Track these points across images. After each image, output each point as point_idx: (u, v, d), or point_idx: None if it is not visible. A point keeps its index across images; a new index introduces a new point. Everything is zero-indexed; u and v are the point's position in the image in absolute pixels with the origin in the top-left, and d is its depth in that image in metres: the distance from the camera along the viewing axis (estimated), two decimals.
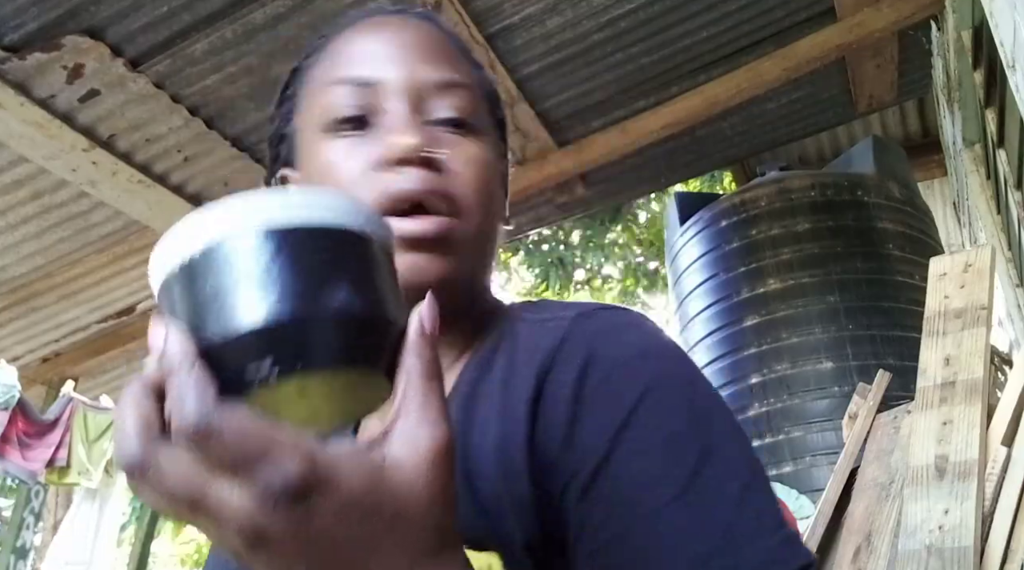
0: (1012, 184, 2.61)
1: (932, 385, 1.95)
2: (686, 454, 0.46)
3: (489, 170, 0.60)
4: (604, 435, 0.47)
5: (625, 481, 0.46)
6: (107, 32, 2.87)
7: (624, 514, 0.45)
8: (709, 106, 3.53)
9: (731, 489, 0.45)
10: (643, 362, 0.50)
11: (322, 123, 0.59)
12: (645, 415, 0.47)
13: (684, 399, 0.49)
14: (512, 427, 0.50)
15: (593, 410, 0.48)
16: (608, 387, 0.49)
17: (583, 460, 0.47)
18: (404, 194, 0.54)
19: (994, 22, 1.79)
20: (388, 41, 0.61)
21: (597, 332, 0.52)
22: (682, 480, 0.45)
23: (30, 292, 4.20)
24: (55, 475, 4.39)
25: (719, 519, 0.44)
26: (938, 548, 1.69)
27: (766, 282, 3.57)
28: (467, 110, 0.60)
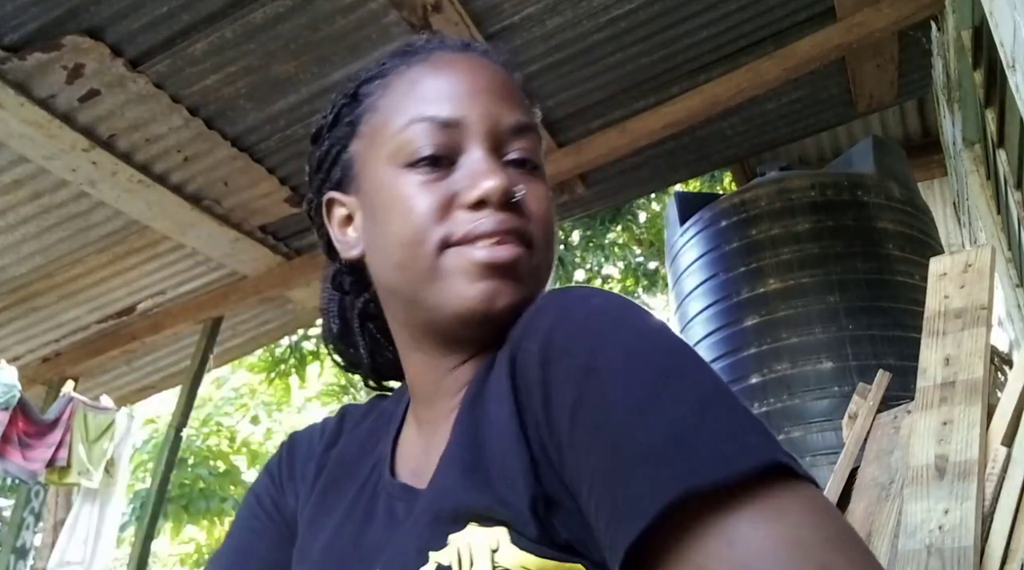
0: (1012, 184, 2.61)
1: (932, 385, 1.95)
2: (648, 378, 0.46)
3: (552, 207, 0.63)
4: (572, 383, 0.48)
5: (597, 415, 0.46)
6: (107, 32, 2.87)
7: (603, 445, 0.45)
8: (709, 106, 3.54)
9: (695, 401, 0.44)
10: (602, 315, 0.52)
11: (399, 158, 0.61)
12: (606, 356, 0.48)
13: (643, 337, 0.50)
14: (503, 405, 0.53)
15: (559, 366, 0.50)
16: (571, 342, 0.51)
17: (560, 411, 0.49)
18: (492, 233, 0.58)
19: (994, 22, 1.79)
20: (467, 81, 0.63)
21: (561, 302, 0.55)
22: (646, 399, 0.45)
23: (30, 292, 4.20)
24: (55, 475, 4.39)
25: (681, 422, 0.43)
26: (938, 548, 1.69)
27: (766, 282, 3.57)
28: (536, 152, 0.63)
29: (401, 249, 0.59)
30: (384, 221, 0.61)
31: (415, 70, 0.64)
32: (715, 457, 0.41)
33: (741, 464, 0.40)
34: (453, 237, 0.58)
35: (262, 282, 4.39)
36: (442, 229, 0.58)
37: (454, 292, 0.58)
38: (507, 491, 0.50)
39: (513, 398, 0.53)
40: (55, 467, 4.33)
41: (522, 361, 0.53)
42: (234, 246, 4.09)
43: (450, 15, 2.95)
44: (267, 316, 5.12)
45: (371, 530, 0.61)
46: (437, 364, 0.63)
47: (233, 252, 4.15)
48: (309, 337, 8.53)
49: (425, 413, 0.65)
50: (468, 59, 0.65)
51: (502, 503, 0.50)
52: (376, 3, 2.92)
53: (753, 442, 0.42)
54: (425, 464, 0.61)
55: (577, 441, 0.47)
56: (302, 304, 4.79)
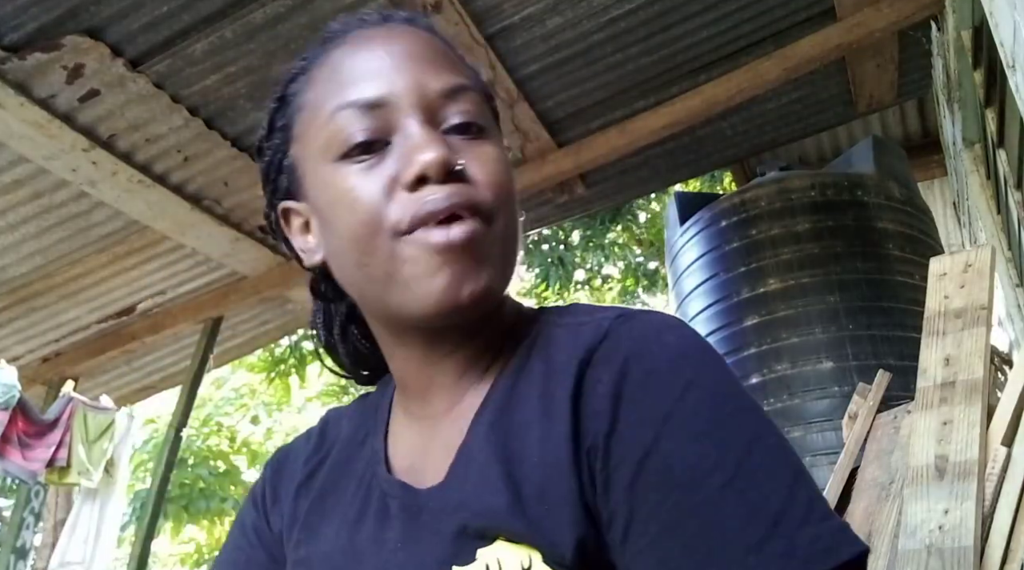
0: (1012, 184, 2.61)
1: (932, 385, 1.95)
2: (733, 442, 0.46)
3: (505, 169, 0.59)
4: (649, 426, 0.47)
5: (674, 470, 0.46)
6: (107, 32, 2.87)
7: (675, 503, 0.45)
8: (709, 106, 3.53)
9: (780, 477, 0.45)
10: (683, 361, 0.50)
11: (331, 152, 0.57)
12: (688, 407, 0.47)
13: (725, 395, 0.49)
14: (555, 425, 0.51)
15: (635, 404, 0.49)
16: (649, 382, 0.49)
17: (628, 451, 0.47)
18: (438, 211, 0.54)
19: (994, 22, 1.79)
20: (386, 55, 0.58)
21: (636, 332, 0.53)
22: (731, 467, 0.45)
23: (30, 292, 4.20)
24: (55, 475, 4.39)
25: (772, 505, 0.44)
26: (938, 548, 1.69)
27: (766, 282, 3.57)
28: (476, 113, 0.59)
29: (355, 246, 0.56)
30: (333, 220, 0.58)
31: (333, 56, 0.60)
32: (813, 547, 0.42)
33: (836, 557, 0.42)
34: (402, 224, 0.54)
35: (262, 282, 4.39)
36: (389, 216, 0.54)
37: (417, 291, 0.54)
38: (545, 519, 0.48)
39: (571, 422, 0.50)
40: (55, 467, 4.33)
41: (590, 388, 0.51)
42: (234, 246, 4.09)
43: (450, 15, 2.95)
44: (267, 316, 5.12)
45: (364, 529, 0.59)
46: (424, 357, 0.60)
47: (233, 252, 4.15)
48: (309, 337, 8.52)
49: (419, 408, 0.63)
50: (386, 31, 0.61)
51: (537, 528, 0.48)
52: (376, 3, 2.92)
53: (840, 531, 0.44)
54: (425, 462, 0.59)
55: (639, 488, 0.46)
56: (302, 304, 4.79)
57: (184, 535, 9.84)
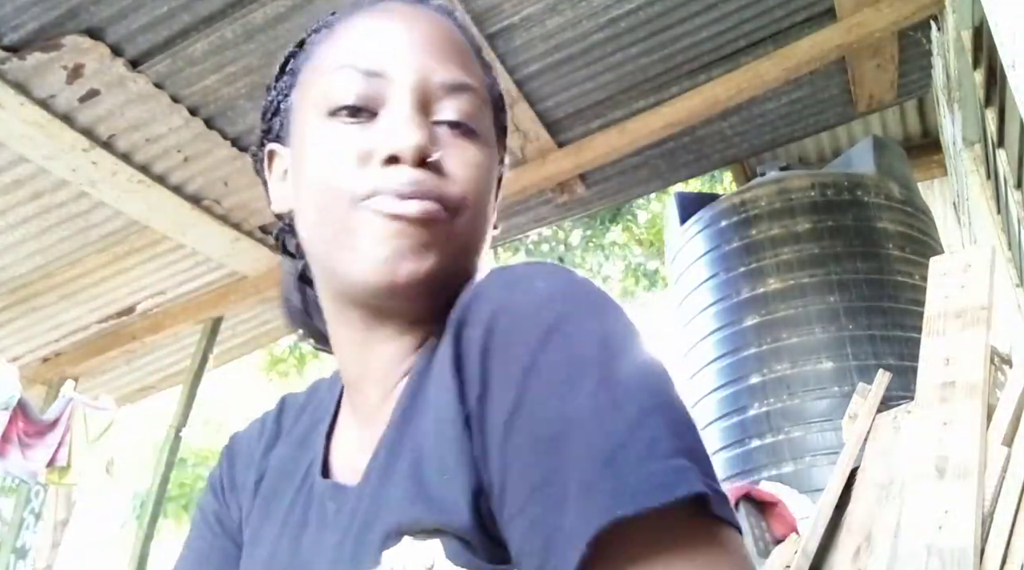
0: (1012, 184, 2.61)
1: (932, 385, 1.95)
2: (588, 390, 0.44)
3: (484, 175, 0.59)
4: (513, 382, 0.46)
5: (535, 426, 0.44)
6: (107, 32, 2.87)
7: (537, 460, 0.44)
8: (709, 106, 3.54)
9: (626, 416, 0.43)
10: (548, 304, 0.48)
11: (322, 105, 0.58)
12: (548, 355, 0.46)
13: (590, 334, 0.47)
14: (445, 395, 0.50)
15: (500, 360, 0.47)
16: (514, 334, 0.48)
17: (496, 412, 0.46)
18: (400, 190, 0.54)
19: (994, 22, 1.79)
20: (402, 31, 0.59)
21: (504, 283, 0.51)
22: (583, 415, 0.43)
23: (30, 292, 4.20)
24: (55, 475, 4.39)
25: (609, 444, 0.42)
26: (938, 548, 1.69)
27: (766, 282, 3.57)
28: (471, 114, 0.59)
29: (315, 203, 0.56)
30: (303, 171, 0.58)
31: (357, 18, 0.61)
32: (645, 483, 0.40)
33: (669, 494, 0.40)
34: (365, 195, 0.54)
35: (262, 282, 4.39)
36: (356, 185, 0.54)
37: (361, 256, 0.54)
38: (445, 491, 0.48)
39: (457, 390, 0.49)
40: (55, 467, 4.33)
41: (465, 348, 0.50)
42: (234, 246, 4.09)
43: None
44: (267, 316, 5.12)
45: (306, 537, 0.58)
46: (362, 340, 0.59)
47: (233, 252, 4.15)
48: None
49: (356, 398, 0.62)
50: (413, 10, 0.61)
51: (438, 506, 0.48)
52: None
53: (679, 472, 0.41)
54: (359, 459, 0.58)
55: (510, 449, 0.45)
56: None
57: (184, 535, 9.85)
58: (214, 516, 0.69)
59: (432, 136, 0.56)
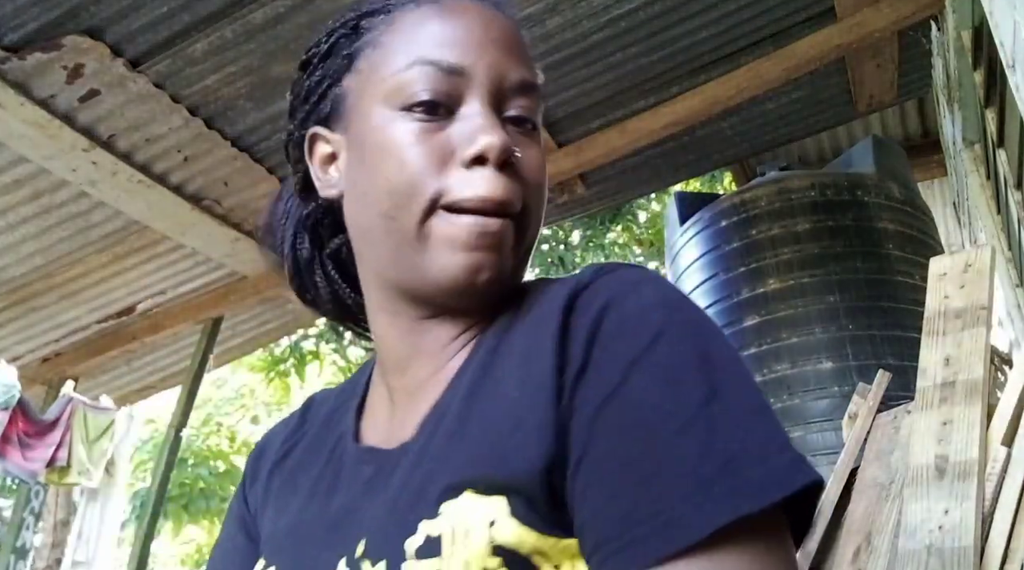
0: (1012, 184, 2.61)
1: (932, 385, 1.95)
2: (694, 390, 0.46)
3: (545, 173, 0.61)
4: (616, 369, 0.48)
5: (633, 412, 0.46)
6: (107, 32, 2.87)
7: (631, 442, 0.46)
8: (709, 106, 3.54)
9: (738, 420, 0.46)
10: (658, 310, 0.51)
11: (395, 100, 0.57)
12: (656, 354, 0.48)
13: (696, 343, 0.49)
14: (537, 364, 0.51)
15: (606, 349, 0.49)
16: (622, 329, 0.50)
17: (593, 392, 0.48)
18: (487, 197, 0.55)
19: (994, 22, 1.79)
20: (476, 29, 0.59)
21: (615, 282, 0.53)
22: (689, 413, 0.45)
23: (30, 292, 4.20)
24: (55, 475, 4.39)
25: (725, 447, 0.44)
26: (938, 548, 1.69)
27: (766, 282, 3.57)
28: (536, 111, 0.60)
29: (390, 198, 0.56)
30: (374, 165, 0.58)
31: (423, 10, 0.60)
32: (764, 481, 0.43)
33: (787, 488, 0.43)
34: (446, 196, 0.55)
35: (262, 282, 4.39)
36: (436, 184, 0.55)
37: (438, 261, 0.55)
38: (519, 452, 0.49)
39: (555, 363, 0.50)
40: (55, 467, 4.34)
41: (573, 332, 0.51)
42: (234, 246, 4.09)
43: None
44: (267, 316, 5.12)
45: (337, 498, 0.59)
46: (412, 324, 0.60)
47: (233, 252, 4.15)
48: (309, 337, 8.53)
49: (398, 380, 0.62)
50: (479, 8, 0.61)
51: (510, 466, 0.48)
52: None
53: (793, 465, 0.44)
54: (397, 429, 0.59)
55: (598, 427, 0.47)
56: (302, 304, 4.79)
57: (184, 535, 9.84)
58: (237, 514, 0.71)
59: (510, 136, 0.57)
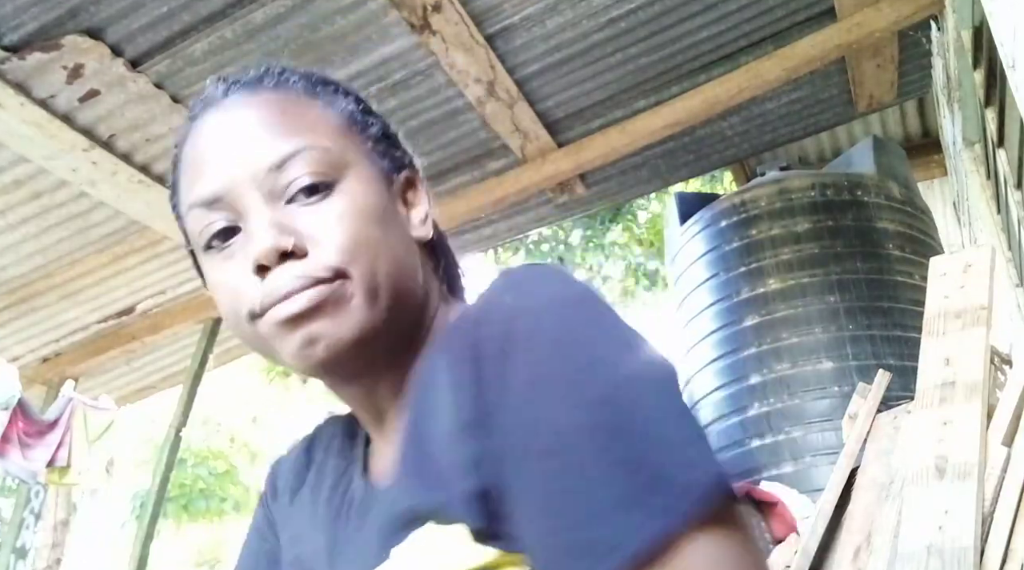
0: (1012, 184, 2.61)
1: (932, 385, 1.95)
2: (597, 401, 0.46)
3: (357, 217, 0.58)
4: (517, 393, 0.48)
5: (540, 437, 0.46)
6: (107, 32, 2.87)
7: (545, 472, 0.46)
8: (709, 106, 3.53)
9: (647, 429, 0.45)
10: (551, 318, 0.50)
11: (199, 245, 0.61)
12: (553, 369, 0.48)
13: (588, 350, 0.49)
14: (458, 394, 0.52)
15: (505, 373, 0.49)
16: (517, 347, 0.50)
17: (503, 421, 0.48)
18: (279, 296, 0.56)
19: (994, 22, 1.79)
20: (216, 143, 0.61)
21: (513, 289, 0.54)
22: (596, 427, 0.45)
23: (30, 292, 4.20)
24: (55, 475, 4.39)
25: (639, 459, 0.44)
26: (938, 548, 1.69)
27: (766, 282, 3.57)
28: (319, 168, 0.59)
29: (231, 326, 0.61)
30: (217, 303, 0.62)
31: (187, 143, 0.64)
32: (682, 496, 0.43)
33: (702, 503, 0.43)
34: (255, 308, 0.57)
35: None
36: (247, 302, 0.58)
37: (284, 358, 0.58)
38: (457, 485, 0.50)
39: (473, 390, 0.50)
40: (55, 467, 4.33)
41: (485, 349, 0.51)
42: None
43: (450, 15, 2.95)
44: None
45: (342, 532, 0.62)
46: (353, 392, 0.64)
47: None
48: None
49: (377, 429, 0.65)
50: (221, 111, 0.63)
51: (450, 495, 0.50)
52: (376, 3, 2.91)
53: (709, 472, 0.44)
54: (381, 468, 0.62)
55: (512, 462, 0.47)
56: None
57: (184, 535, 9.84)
58: (264, 521, 0.73)
59: (290, 223, 0.57)
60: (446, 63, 3.17)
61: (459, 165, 3.85)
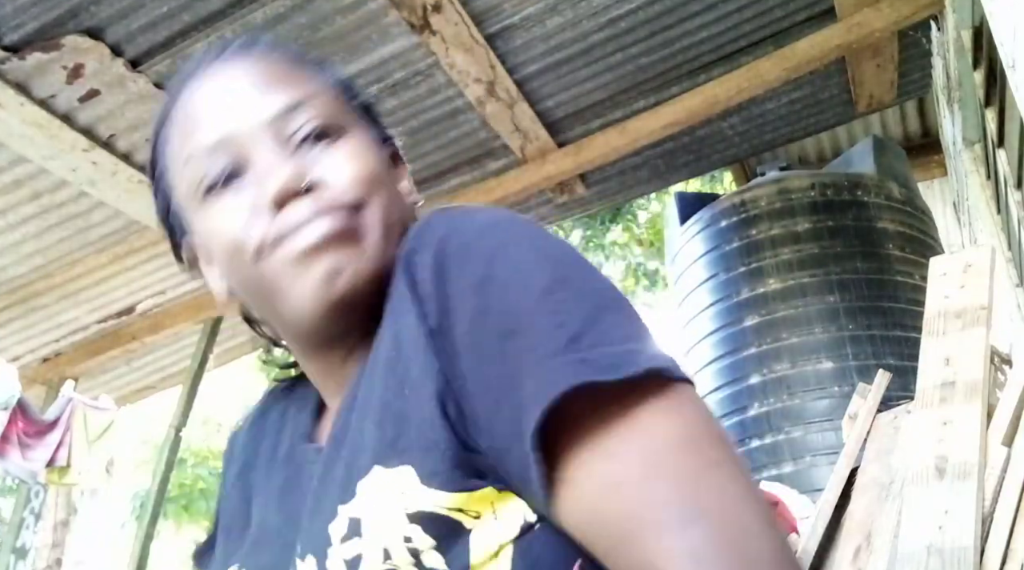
0: (1012, 184, 2.61)
1: (932, 385, 1.95)
2: (544, 286, 0.48)
3: (365, 159, 0.60)
4: (469, 293, 0.49)
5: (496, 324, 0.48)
6: (107, 32, 2.87)
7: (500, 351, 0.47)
8: (709, 106, 3.53)
9: (588, 308, 0.48)
10: (493, 229, 0.53)
11: (197, 195, 0.60)
12: (501, 268, 0.50)
13: (543, 251, 0.51)
14: (402, 318, 0.52)
15: (453, 276, 0.51)
16: (463, 253, 0.51)
17: (457, 322, 0.49)
18: (302, 221, 0.56)
19: (994, 22, 1.79)
20: (221, 93, 0.61)
21: (449, 216, 0.55)
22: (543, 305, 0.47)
23: (30, 292, 4.20)
24: (55, 475, 4.39)
25: (575, 326, 0.46)
26: (938, 548, 1.69)
27: (766, 282, 3.57)
28: (323, 117, 0.60)
29: (231, 271, 0.60)
30: (213, 252, 0.61)
31: (180, 101, 0.63)
32: (607, 363, 0.44)
33: (627, 371, 0.44)
34: (266, 242, 0.56)
35: None
36: (254, 238, 0.57)
37: (293, 298, 0.56)
38: (411, 405, 0.49)
39: (417, 311, 0.51)
40: (55, 467, 4.33)
41: (419, 274, 0.52)
42: None
43: (450, 15, 2.95)
44: None
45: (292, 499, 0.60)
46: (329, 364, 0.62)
47: None
48: None
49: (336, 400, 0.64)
50: (219, 67, 0.63)
51: (403, 425, 0.49)
52: (376, 3, 2.92)
53: (638, 351, 0.46)
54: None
55: (474, 349, 0.48)
56: None
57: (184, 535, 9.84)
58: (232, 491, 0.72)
59: (302, 162, 0.58)
60: (446, 63, 3.17)
61: (459, 165, 3.85)
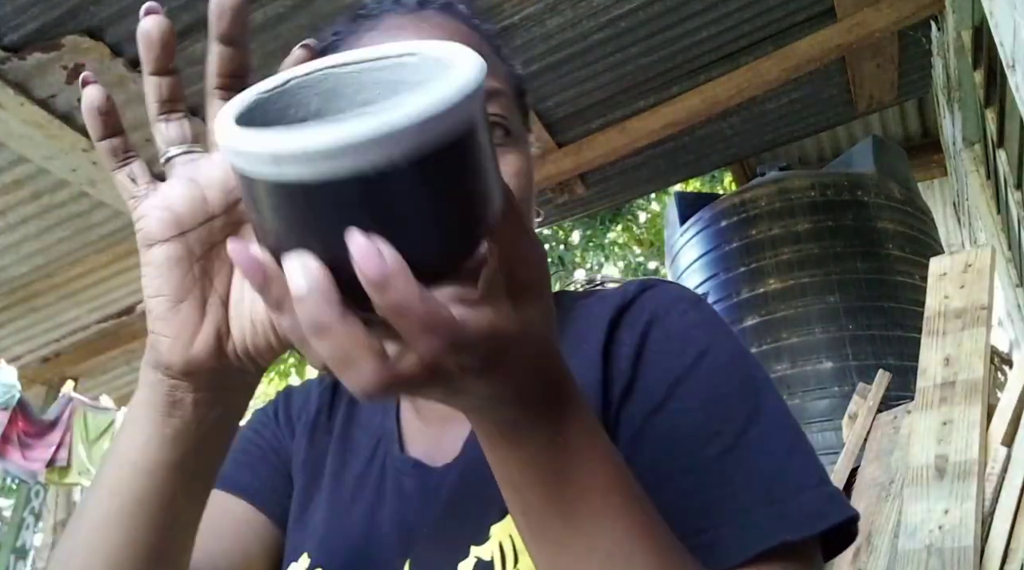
0: (1012, 184, 2.61)
1: (932, 385, 1.95)
2: (736, 413, 0.48)
3: (529, 177, 0.60)
4: (661, 386, 0.50)
5: (677, 430, 0.48)
6: (107, 32, 2.87)
7: (672, 460, 0.47)
8: (709, 106, 3.53)
9: (777, 447, 0.47)
10: (698, 329, 0.53)
11: None
12: (700, 374, 0.50)
13: (736, 366, 0.51)
14: (584, 378, 0.52)
15: (651, 365, 0.51)
16: (666, 347, 0.52)
17: (639, 408, 0.50)
18: None
19: (994, 22, 1.79)
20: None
21: (658, 300, 0.56)
22: (731, 436, 0.47)
23: (30, 292, 4.19)
24: (55, 475, 4.39)
25: (766, 472, 0.46)
26: (938, 548, 1.69)
27: (766, 282, 3.57)
28: (507, 116, 0.58)
29: None
30: None
31: (364, 40, 0.58)
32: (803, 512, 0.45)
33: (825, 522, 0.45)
34: None
35: None
36: None
37: None
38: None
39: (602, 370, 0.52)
40: (55, 467, 4.34)
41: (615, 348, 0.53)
42: None
43: None
44: None
45: (385, 507, 0.58)
46: None
47: None
48: None
49: (431, 415, 0.62)
50: (419, 20, 0.57)
51: None
52: None
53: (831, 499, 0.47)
54: (435, 445, 0.59)
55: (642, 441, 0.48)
56: None
57: None
58: (271, 433, 0.69)
59: None
60: None
61: None
